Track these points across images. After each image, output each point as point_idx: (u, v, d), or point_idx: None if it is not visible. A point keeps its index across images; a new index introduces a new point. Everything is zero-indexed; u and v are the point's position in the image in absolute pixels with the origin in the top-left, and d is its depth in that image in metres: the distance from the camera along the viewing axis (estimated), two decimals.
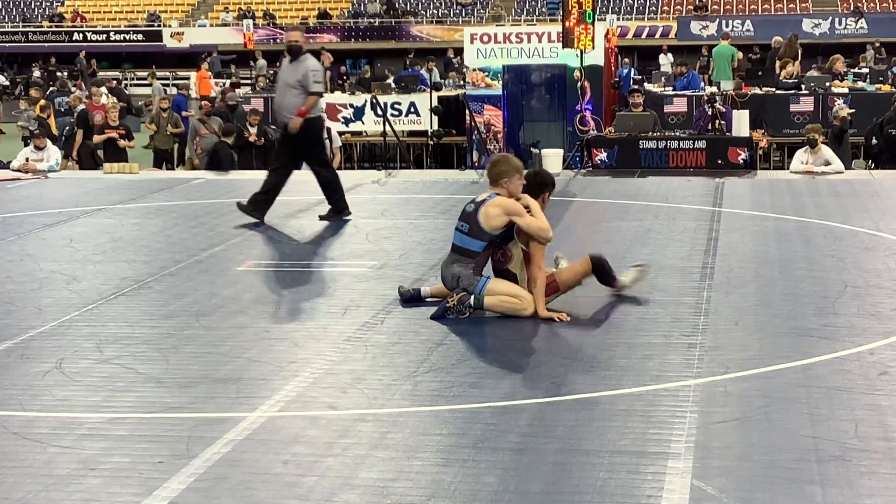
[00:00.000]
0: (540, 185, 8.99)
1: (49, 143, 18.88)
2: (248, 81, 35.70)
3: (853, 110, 19.62)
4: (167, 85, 40.47)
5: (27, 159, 18.20)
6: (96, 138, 20.86)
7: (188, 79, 38.55)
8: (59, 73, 41.47)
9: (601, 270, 8.93)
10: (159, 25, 51.59)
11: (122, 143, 20.78)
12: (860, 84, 24.14)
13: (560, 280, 8.81)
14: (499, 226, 8.49)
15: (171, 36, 50.48)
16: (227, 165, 18.75)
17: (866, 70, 27.14)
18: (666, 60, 37.71)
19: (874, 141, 18.84)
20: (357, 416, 6.43)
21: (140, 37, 50.93)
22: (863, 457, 5.62)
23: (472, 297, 8.43)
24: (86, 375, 7.24)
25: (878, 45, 33.97)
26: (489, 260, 8.71)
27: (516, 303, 8.48)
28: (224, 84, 33.51)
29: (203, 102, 25.39)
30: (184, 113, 25.61)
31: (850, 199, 14.01)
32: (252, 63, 39.28)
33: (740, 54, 27.85)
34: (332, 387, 6.94)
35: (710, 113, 18.60)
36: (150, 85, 36.51)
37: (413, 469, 5.60)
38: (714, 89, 22.97)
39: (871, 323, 8.17)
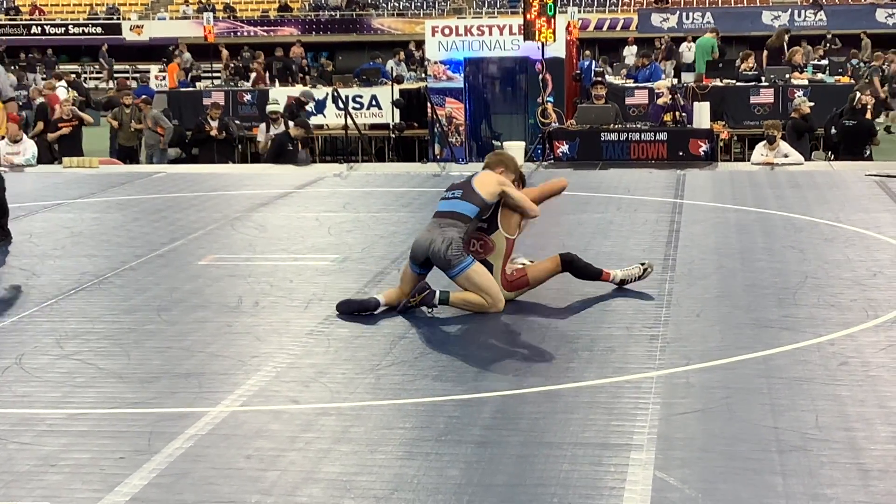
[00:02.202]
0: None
1: (25, 136, 18.71)
2: (208, 75, 35.53)
3: (812, 103, 19.78)
4: (127, 78, 40.21)
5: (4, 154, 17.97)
6: (51, 136, 20.68)
7: (148, 72, 38.30)
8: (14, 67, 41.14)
9: (574, 268, 8.92)
10: (118, 18, 51.26)
11: (86, 118, 20.62)
12: (819, 76, 24.29)
13: (530, 275, 8.81)
14: (492, 192, 8.48)
15: (131, 29, 50.17)
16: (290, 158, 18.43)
17: (826, 62, 27.29)
18: (630, 53, 37.80)
19: (833, 131, 18.97)
20: (320, 410, 6.42)
21: (99, 30, 50.58)
22: (823, 447, 5.65)
23: (437, 295, 8.36)
24: (46, 371, 7.18)
25: (830, 36, 34.17)
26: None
27: (483, 302, 8.41)
28: (187, 79, 33.33)
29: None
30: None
31: (809, 190, 14.09)
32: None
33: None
34: (295, 381, 6.92)
35: (661, 104, 18.68)
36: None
37: (376, 463, 5.59)
38: (675, 81, 23.05)
39: (831, 314, 8.22)
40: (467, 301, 8.43)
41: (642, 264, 9.15)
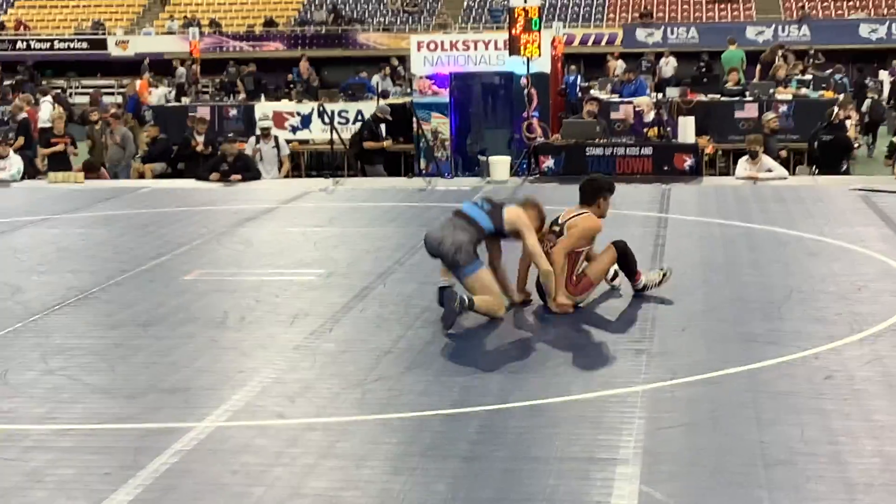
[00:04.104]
0: (595, 189, 9.24)
1: (11, 151, 18.65)
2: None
3: (778, 115, 20.08)
4: (111, 93, 40.13)
5: None
6: (43, 151, 20.59)
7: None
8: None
9: (625, 255, 9.15)
10: (104, 34, 51.20)
11: (70, 149, 20.55)
12: (804, 91, 24.35)
13: (592, 275, 9.00)
14: (512, 223, 8.73)
15: (116, 44, 50.09)
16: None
17: (810, 77, 27.37)
18: (618, 67, 37.86)
19: (815, 145, 19.04)
20: (306, 425, 6.41)
21: (85, 45, 50.51)
22: (809, 461, 5.66)
23: (466, 299, 8.44)
24: (31, 387, 7.17)
25: (812, 51, 34.30)
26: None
27: (494, 304, 8.64)
28: (169, 92, 33.28)
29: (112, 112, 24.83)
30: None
31: (794, 204, 14.13)
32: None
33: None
34: (281, 396, 6.91)
35: (647, 120, 18.74)
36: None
37: (362, 478, 5.59)
38: (660, 96, 23.09)
39: (815, 328, 8.24)
40: (484, 303, 8.59)
41: (661, 269, 9.25)
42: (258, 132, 19.70)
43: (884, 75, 35.06)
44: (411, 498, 5.33)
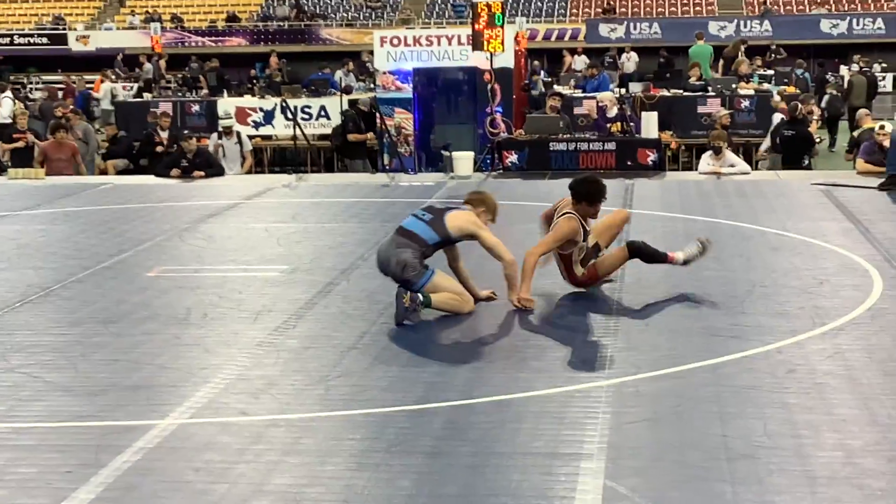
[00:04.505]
0: (586, 193, 9.40)
1: None
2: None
3: (731, 111, 20.19)
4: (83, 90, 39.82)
5: None
6: (4, 146, 20.43)
7: (94, 83, 38.01)
8: None
9: (642, 254, 9.29)
10: (64, 29, 50.88)
11: (32, 140, 20.37)
12: (766, 86, 24.49)
13: (600, 269, 9.14)
14: (461, 229, 8.64)
15: (77, 39, 49.79)
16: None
17: (772, 72, 27.53)
18: (580, 62, 37.95)
19: (777, 140, 19.15)
20: (269, 421, 6.39)
21: (45, 40, 50.17)
22: (772, 454, 5.69)
23: (421, 295, 8.41)
24: None
25: (774, 46, 34.49)
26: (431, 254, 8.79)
27: (457, 301, 8.64)
28: (131, 88, 33.09)
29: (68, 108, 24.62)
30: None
31: (756, 199, 14.19)
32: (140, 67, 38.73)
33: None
34: (244, 392, 6.88)
35: (610, 115, 18.80)
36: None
37: (326, 474, 5.57)
38: (623, 91, 23.16)
39: (778, 322, 8.28)
40: (446, 300, 8.59)
41: (700, 241, 9.41)
42: (220, 129, 19.62)
43: (844, 70, 35.28)
44: (375, 494, 5.32)
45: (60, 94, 33.18)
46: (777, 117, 19.36)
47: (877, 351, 7.50)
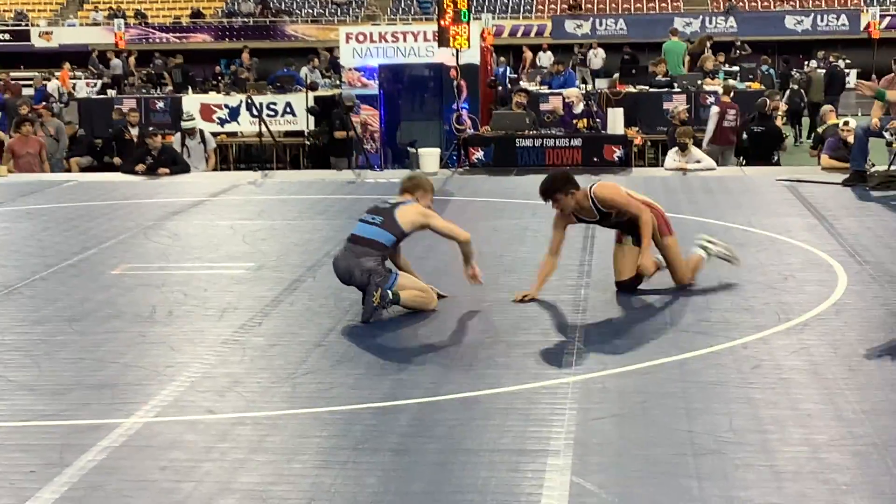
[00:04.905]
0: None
1: None
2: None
3: (689, 105, 20.31)
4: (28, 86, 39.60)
5: None
6: None
7: (58, 79, 37.76)
8: None
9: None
10: (27, 25, 50.54)
11: None
12: (731, 82, 24.59)
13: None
14: (413, 222, 8.63)
15: (40, 35, 49.48)
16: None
17: (737, 68, 27.66)
18: (546, 59, 38.02)
19: (744, 136, 19.23)
20: (235, 419, 6.36)
21: (7, 37, 49.84)
22: (737, 450, 5.71)
23: (390, 292, 8.40)
24: None
25: (739, 42, 34.69)
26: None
27: (424, 298, 8.65)
28: (95, 84, 32.93)
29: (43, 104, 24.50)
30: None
31: (722, 195, 14.25)
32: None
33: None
34: (210, 390, 6.85)
35: (577, 111, 18.87)
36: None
37: (293, 472, 5.56)
38: (590, 87, 23.21)
39: (744, 317, 8.31)
40: (414, 297, 8.59)
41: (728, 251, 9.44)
42: (182, 129, 19.54)
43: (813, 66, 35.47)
44: (342, 492, 5.30)
45: None
46: (714, 111, 19.40)
47: (841, 346, 7.54)
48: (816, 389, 6.67)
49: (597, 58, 35.90)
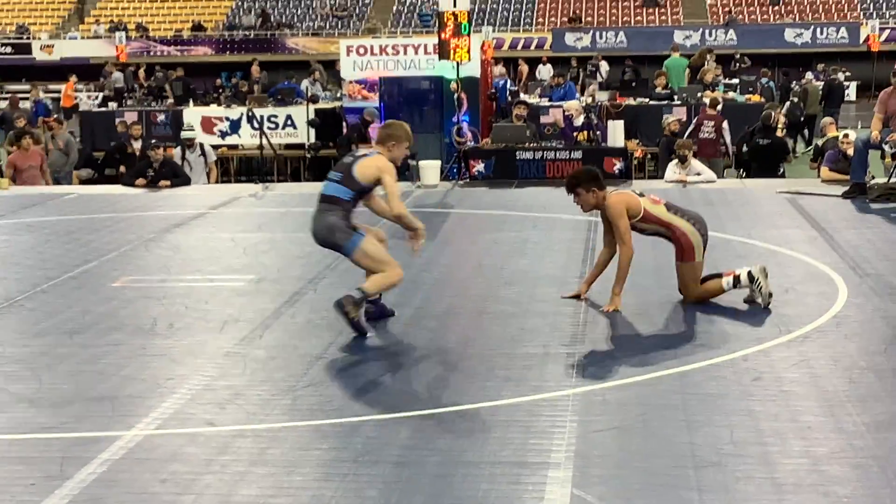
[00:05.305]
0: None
1: None
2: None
3: (681, 118, 20.34)
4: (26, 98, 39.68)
5: None
6: None
7: (59, 92, 37.84)
8: None
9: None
10: (28, 38, 50.62)
11: None
12: (731, 94, 24.61)
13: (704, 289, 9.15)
14: (369, 176, 8.51)
15: (42, 49, 49.55)
16: None
17: (737, 81, 27.68)
18: (545, 72, 38.07)
19: (745, 149, 19.25)
20: (236, 432, 6.36)
21: (9, 50, 49.90)
22: (738, 462, 5.71)
23: (355, 296, 8.38)
24: None
25: (739, 55, 34.73)
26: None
27: (387, 278, 8.53)
28: (97, 97, 32.97)
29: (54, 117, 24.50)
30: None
31: (722, 207, 14.25)
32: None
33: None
34: (211, 403, 6.85)
35: (577, 124, 18.88)
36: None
37: (293, 484, 5.55)
38: (589, 100, 23.23)
39: (744, 330, 8.31)
40: (379, 283, 8.53)
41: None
42: (182, 140, 19.55)
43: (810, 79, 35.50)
44: None
45: None
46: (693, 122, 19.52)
47: (842, 358, 7.54)
48: (817, 402, 6.67)
49: (600, 70, 35.93)
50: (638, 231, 9.12)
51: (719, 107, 19.91)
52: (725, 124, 19.21)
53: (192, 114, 23.72)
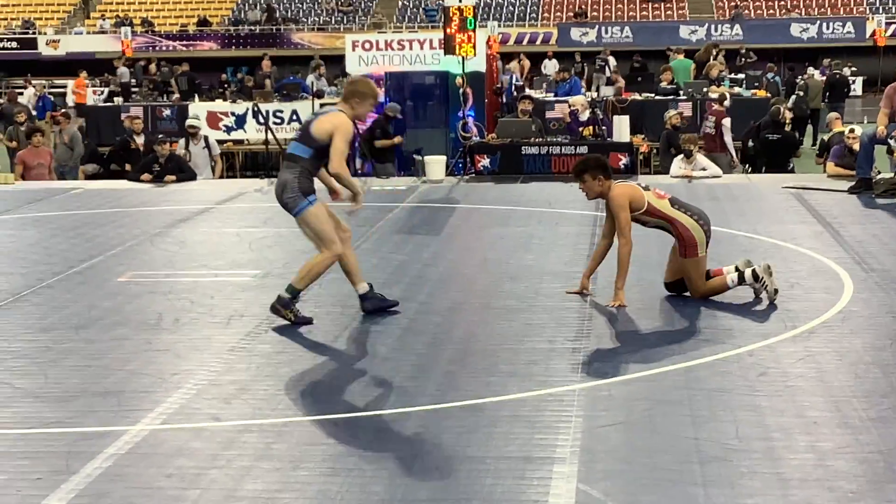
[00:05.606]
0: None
1: None
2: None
3: (681, 111, 20.35)
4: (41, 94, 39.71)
5: None
6: None
7: (65, 87, 37.85)
8: None
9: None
10: (34, 33, 50.65)
11: None
12: (737, 89, 24.59)
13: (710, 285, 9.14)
14: (324, 131, 8.45)
15: (47, 44, 49.58)
16: None
17: (743, 76, 27.66)
18: (551, 66, 38.07)
19: (750, 144, 19.22)
20: (241, 426, 6.36)
21: (15, 45, 49.93)
22: (743, 457, 5.70)
23: (283, 298, 8.46)
24: None
25: (745, 50, 34.70)
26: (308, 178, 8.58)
27: (321, 261, 8.55)
28: (102, 92, 32.99)
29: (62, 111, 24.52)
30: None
31: (727, 202, 14.24)
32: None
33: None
34: (216, 398, 6.86)
35: (583, 119, 18.88)
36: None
37: (299, 479, 5.56)
38: (594, 95, 23.23)
39: (750, 325, 8.31)
40: (306, 274, 8.54)
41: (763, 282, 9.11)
42: (186, 128, 19.55)
43: (815, 74, 35.48)
44: (349, 499, 5.30)
45: None
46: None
47: (848, 353, 7.53)
48: (822, 397, 6.66)
49: (608, 65, 35.91)
50: (640, 223, 9.12)
51: (726, 102, 19.88)
52: (727, 121, 19.17)
53: (198, 109, 23.71)
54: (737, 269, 9.10)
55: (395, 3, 51.17)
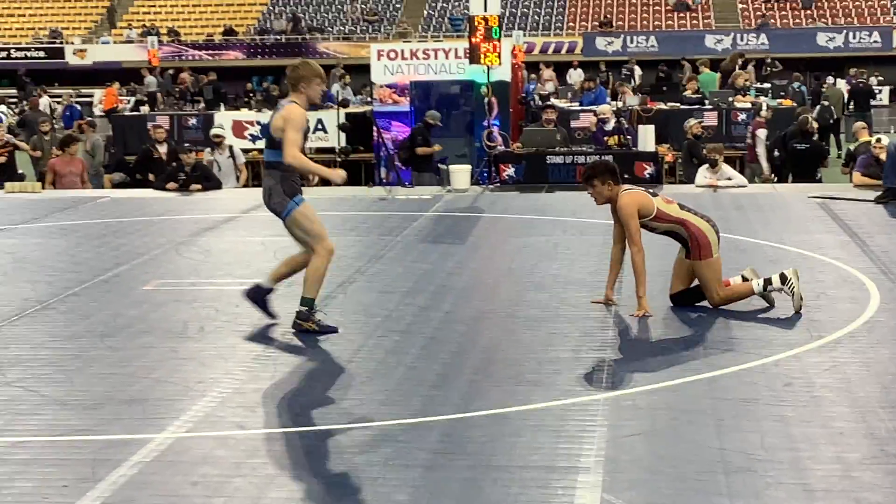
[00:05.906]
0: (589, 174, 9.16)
1: None
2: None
3: (702, 120, 20.30)
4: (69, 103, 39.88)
5: None
6: None
7: (92, 96, 38.02)
8: None
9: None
10: (61, 42, 50.93)
11: (21, 145, 20.32)
12: (762, 99, 24.53)
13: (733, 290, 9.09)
14: (278, 130, 8.52)
15: (74, 53, 49.84)
16: None
17: (769, 85, 27.59)
18: (576, 76, 38.06)
19: (776, 153, 19.16)
20: (266, 435, 6.38)
21: (42, 54, 50.21)
22: (769, 468, 5.68)
23: (300, 310, 8.45)
24: None
25: (770, 59, 34.63)
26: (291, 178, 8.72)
27: (318, 265, 8.61)
28: (129, 101, 33.13)
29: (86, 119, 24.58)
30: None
31: (753, 212, 14.20)
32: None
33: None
34: (241, 406, 6.87)
35: (608, 128, 18.87)
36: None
37: (322, 488, 5.57)
38: (620, 104, 23.20)
39: (775, 335, 8.28)
40: (311, 281, 8.57)
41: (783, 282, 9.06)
42: (211, 137, 19.61)
43: (841, 83, 35.37)
44: None
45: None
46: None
47: (874, 364, 7.50)
48: (848, 407, 6.63)
49: (634, 73, 35.90)
50: (649, 230, 9.11)
51: (763, 113, 19.85)
52: (761, 132, 19.12)
53: (224, 118, 23.80)
54: (761, 278, 9.07)
55: (420, 12, 51.25)
